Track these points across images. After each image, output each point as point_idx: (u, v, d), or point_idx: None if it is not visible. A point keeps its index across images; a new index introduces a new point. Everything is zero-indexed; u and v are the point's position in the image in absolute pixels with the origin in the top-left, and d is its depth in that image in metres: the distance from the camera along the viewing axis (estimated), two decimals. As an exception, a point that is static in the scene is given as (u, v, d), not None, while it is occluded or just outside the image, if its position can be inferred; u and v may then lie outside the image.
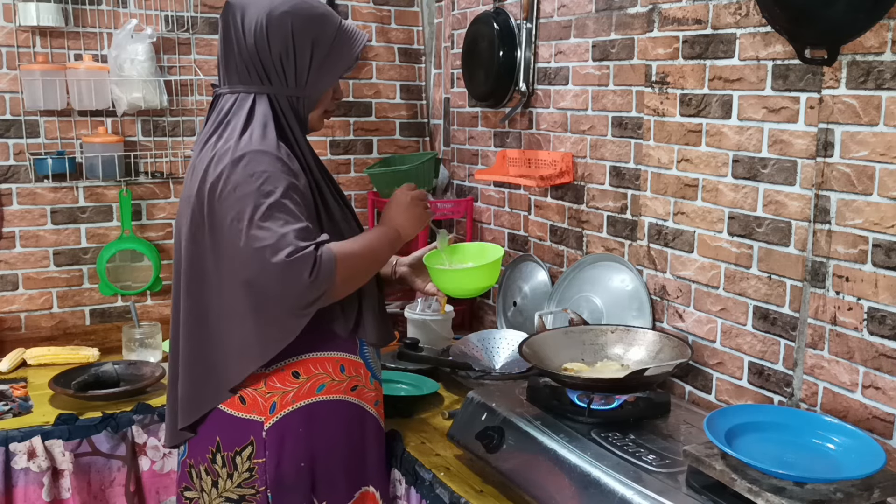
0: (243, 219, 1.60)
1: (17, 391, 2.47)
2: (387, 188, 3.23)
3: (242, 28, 1.71)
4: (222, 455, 1.76)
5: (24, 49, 2.74)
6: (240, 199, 1.61)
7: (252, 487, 1.76)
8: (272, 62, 1.72)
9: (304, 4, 1.74)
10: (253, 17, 1.71)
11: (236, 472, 1.76)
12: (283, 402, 1.76)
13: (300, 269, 1.56)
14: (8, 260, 2.81)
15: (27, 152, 2.78)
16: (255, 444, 1.75)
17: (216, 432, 1.77)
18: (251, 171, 1.62)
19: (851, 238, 1.75)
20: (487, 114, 3.02)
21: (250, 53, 1.72)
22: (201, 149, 1.73)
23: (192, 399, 1.77)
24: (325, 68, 1.77)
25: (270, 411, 1.75)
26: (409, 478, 1.98)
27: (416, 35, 3.42)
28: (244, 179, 1.62)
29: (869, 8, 1.61)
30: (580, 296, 2.47)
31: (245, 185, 1.61)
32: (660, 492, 1.53)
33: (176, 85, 2.95)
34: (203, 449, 1.79)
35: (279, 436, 1.75)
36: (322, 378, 1.79)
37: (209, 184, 1.65)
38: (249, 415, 1.75)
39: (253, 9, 1.72)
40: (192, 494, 1.83)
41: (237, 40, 1.72)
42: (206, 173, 1.66)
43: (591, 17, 2.47)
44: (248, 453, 1.75)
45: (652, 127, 2.26)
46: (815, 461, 1.53)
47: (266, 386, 1.75)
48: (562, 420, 1.85)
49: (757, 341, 2.01)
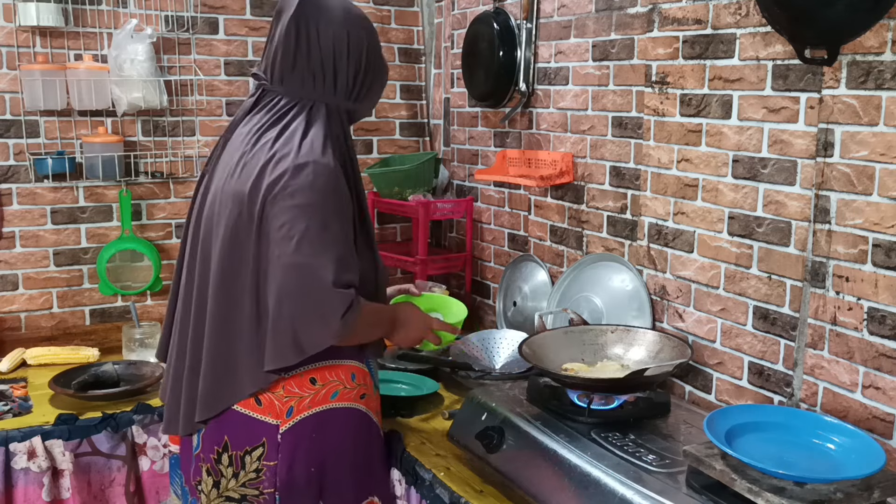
0: (295, 230, 1.61)
1: (17, 391, 2.47)
2: (387, 188, 3.23)
3: (319, 36, 1.72)
4: (230, 454, 1.76)
5: (24, 49, 2.74)
6: (294, 208, 1.62)
7: (256, 488, 1.76)
8: (346, 75, 1.75)
9: (369, 22, 1.81)
10: (331, 28, 1.72)
11: (243, 471, 1.75)
12: (299, 406, 1.76)
13: (341, 302, 1.62)
14: (8, 260, 2.81)
15: (27, 152, 2.78)
16: (266, 445, 1.75)
17: (224, 431, 1.76)
18: (311, 182, 1.63)
19: (851, 238, 1.75)
20: (487, 114, 3.02)
21: (324, 63, 1.73)
22: (254, 144, 1.72)
23: (213, 394, 1.75)
24: (379, 86, 1.86)
25: (287, 415, 1.75)
26: (409, 478, 1.98)
27: (416, 35, 3.42)
28: (303, 189, 1.63)
29: (869, 8, 1.61)
30: (580, 296, 2.47)
31: (302, 195, 1.63)
32: (660, 492, 1.53)
33: (176, 85, 2.95)
34: (209, 448, 1.78)
35: (294, 439, 1.75)
36: (336, 385, 1.80)
37: (266, 184, 1.65)
38: (265, 417, 1.75)
39: (332, 19, 1.73)
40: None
41: (310, 47, 1.72)
42: (264, 173, 1.66)
43: (591, 17, 2.47)
44: (258, 454, 1.75)
45: (652, 127, 2.26)
46: (815, 461, 1.53)
47: (284, 390, 1.75)
48: (562, 420, 1.85)
49: (757, 341, 2.01)
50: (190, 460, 1.87)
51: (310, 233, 1.61)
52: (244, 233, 1.68)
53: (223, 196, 1.73)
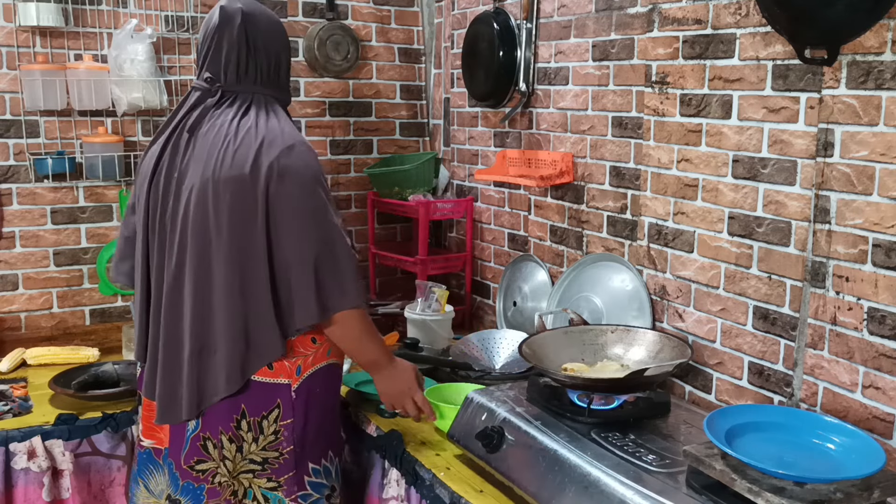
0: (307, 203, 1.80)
1: (17, 391, 2.47)
2: (387, 188, 3.23)
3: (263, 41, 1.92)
4: (248, 420, 1.87)
5: (24, 49, 2.74)
6: (300, 184, 1.80)
7: (276, 450, 1.88)
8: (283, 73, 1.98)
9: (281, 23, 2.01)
10: (265, 32, 1.92)
11: (262, 435, 1.87)
12: (305, 364, 1.91)
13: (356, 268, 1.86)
14: (8, 260, 2.81)
15: (27, 152, 2.78)
16: (282, 406, 1.88)
17: (240, 400, 1.86)
18: (304, 159, 1.83)
19: (851, 238, 1.75)
20: (487, 114, 3.02)
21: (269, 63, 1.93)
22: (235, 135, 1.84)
23: (238, 368, 1.83)
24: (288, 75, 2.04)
25: (297, 373, 1.90)
26: (409, 478, 1.98)
27: (416, 35, 3.42)
28: (301, 167, 1.81)
29: (869, 8, 1.61)
30: (580, 296, 2.47)
31: (301, 173, 1.81)
32: (660, 492, 1.53)
33: (176, 85, 2.95)
34: (224, 419, 1.86)
35: (305, 396, 1.91)
36: (329, 343, 1.95)
37: (265, 165, 1.79)
38: (277, 379, 1.88)
39: (263, 24, 1.92)
40: (208, 465, 1.89)
41: (257, 51, 1.91)
42: (259, 155, 1.80)
43: (591, 17, 2.47)
44: (274, 416, 1.88)
45: (652, 127, 2.26)
46: (815, 461, 1.53)
47: (293, 351, 1.89)
48: (562, 420, 1.85)
49: (757, 341, 2.01)
50: (181, 446, 1.90)
51: (321, 205, 1.81)
52: (250, 212, 1.79)
53: (215, 185, 1.80)
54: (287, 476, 1.89)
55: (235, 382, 1.83)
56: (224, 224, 1.80)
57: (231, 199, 1.79)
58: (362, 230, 3.39)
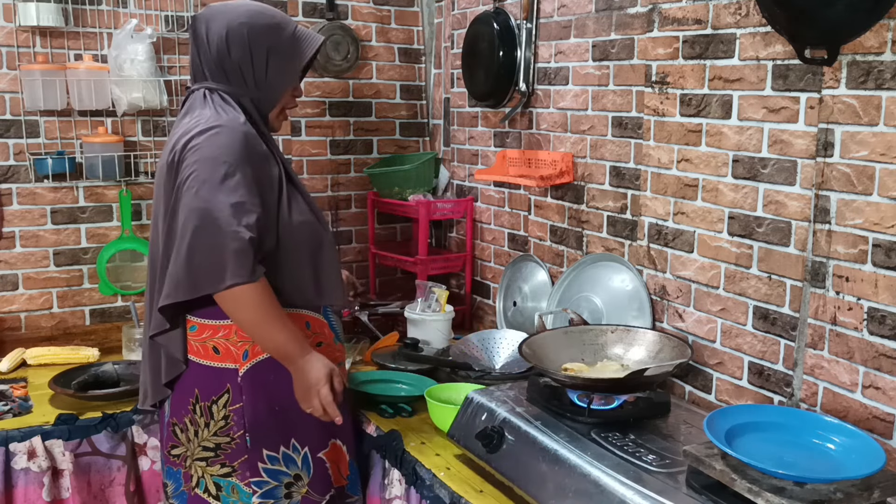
0: (197, 179, 1.74)
1: (17, 391, 2.47)
2: (387, 188, 3.23)
3: (207, 37, 1.91)
4: (200, 405, 1.90)
5: (24, 49, 2.74)
6: (196, 162, 1.76)
7: (227, 435, 1.89)
8: (233, 68, 1.91)
9: (260, 16, 1.93)
10: (215, 28, 1.90)
11: (212, 420, 1.89)
12: (254, 350, 1.88)
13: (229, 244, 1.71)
14: (8, 260, 2.81)
15: (27, 152, 2.78)
16: (231, 391, 1.88)
17: (194, 384, 1.90)
18: (214, 139, 1.78)
19: (851, 238, 1.75)
20: (487, 114, 3.02)
21: (214, 60, 1.91)
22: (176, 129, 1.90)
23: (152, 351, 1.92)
24: (282, 70, 1.95)
25: (244, 358, 1.88)
26: (409, 478, 1.98)
27: (416, 35, 3.42)
28: (205, 145, 1.77)
29: (869, 8, 1.61)
30: (580, 296, 2.47)
31: (203, 150, 1.77)
32: (660, 492, 1.53)
33: (176, 85, 2.95)
34: (184, 403, 1.91)
35: (253, 381, 1.89)
36: None
37: (178, 150, 1.80)
38: (224, 363, 1.89)
39: (216, 20, 1.91)
40: (179, 451, 1.94)
41: (203, 48, 1.92)
42: (178, 142, 1.82)
43: (591, 17, 2.47)
44: (224, 401, 1.88)
45: (652, 127, 2.26)
46: (815, 461, 1.53)
47: (237, 335, 1.87)
48: (562, 420, 1.85)
49: (757, 341, 2.01)
50: (163, 430, 2.00)
51: (208, 181, 1.74)
52: (167, 197, 1.82)
53: (159, 175, 1.90)
54: (240, 461, 1.89)
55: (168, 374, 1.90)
56: (160, 216, 1.86)
57: (162, 188, 1.86)
58: (362, 230, 3.39)
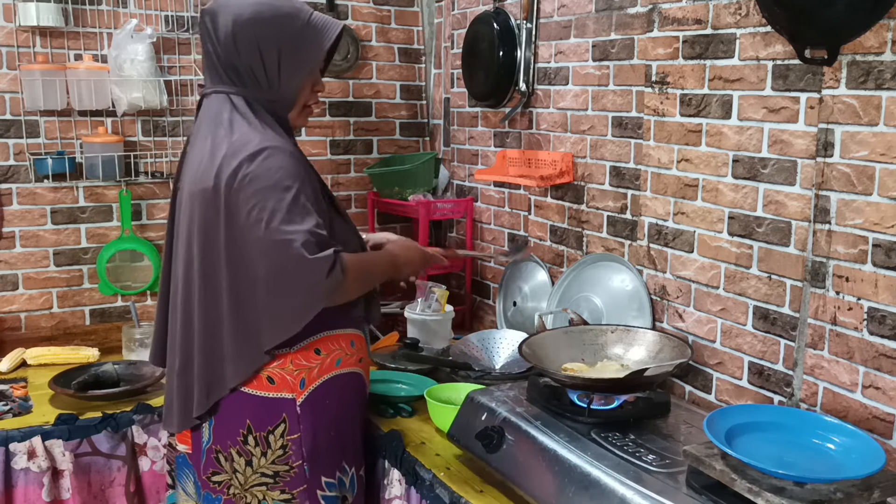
0: (264, 211, 1.68)
1: (17, 391, 2.47)
2: (387, 188, 3.23)
3: (215, 35, 1.79)
4: (254, 436, 1.84)
5: (24, 49, 2.74)
6: (258, 192, 1.69)
7: (286, 464, 1.85)
8: (244, 68, 1.80)
9: (267, 8, 1.79)
10: (221, 25, 1.78)
11: (270, 450, 1.84)
12: (310, 377, 1.86)
13: (321, 266, 1.67)
14: (8, 260, 2.81)
15: (27, 152, 2.78)
16: (287, 420, 1.84)
17: (245, 416, 1.84)
18: (268, 165, 1.71)
19: (851, 238, 1.75)
20: (487, 114, 3.02)
21: (224, 59, 1.80)
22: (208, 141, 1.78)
23: (205, 390, 1.83)
24: (295, 66, 1.83)
25: (301, 387, 1.85)
26: (409, 478, 1.98)
27: (416, 35, 3.42)
28: (261, 173, 1.70)
29: (869, 8, 1.61)
30: (580, 296, 2.47)
31: (261, 180, 1.69)
32: (660, 492, 1.53)
33: (176, 85, 2.95)
34: (231, 433, 1.85)
35: (311, 409, 1.86)
36: (338, 353, 1.91)
37: (226, 177, 1.71)
38: (280, 393, 1.84)
39: (221, 16, 1.78)
40: (222, 477, 1.89)
41: (213, 46, 1.80)
42: (221, 167, 1.73)
43: (591, 17, 2.47)
44: (280, 431, 1.84)
45: (652, 127, 2.26)
46: (815, 461, 1.53)
47: (293, 364, 1.84)
48: (562, 420, 1.85)
49: (757, 341, 2.01)
50: (200, 455, 1.91)
51: (277, 211, 1.68)
52: (214, 228, 1.76)
53: (192, 197, 1.79)
54: (299, 489, 1.86)
55: (202, 405, 1.83)
56: (195, 238, 1.79)
57: (200, 215, 1.77)
58: (362, 230, 3.38)
